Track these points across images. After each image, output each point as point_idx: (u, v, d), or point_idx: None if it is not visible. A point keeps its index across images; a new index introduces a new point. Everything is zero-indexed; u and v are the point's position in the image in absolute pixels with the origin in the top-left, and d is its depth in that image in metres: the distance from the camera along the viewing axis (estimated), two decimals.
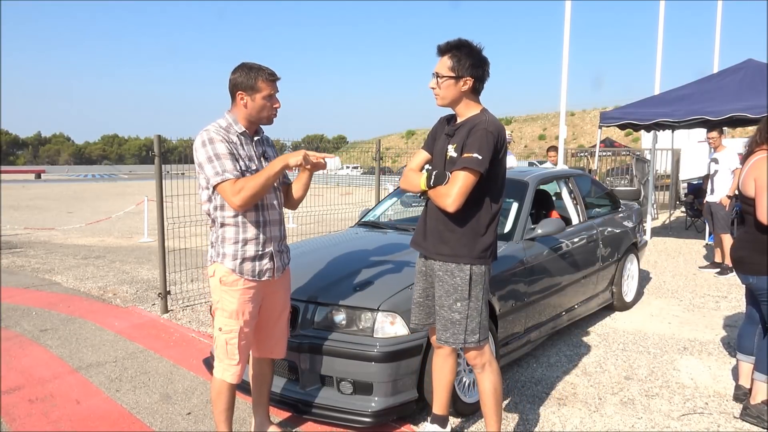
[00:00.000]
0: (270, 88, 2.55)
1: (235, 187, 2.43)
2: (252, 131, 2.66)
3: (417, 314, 2.73)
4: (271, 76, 2.55)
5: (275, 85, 2.58)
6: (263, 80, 2.52)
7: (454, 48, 2.46)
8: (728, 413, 3.27)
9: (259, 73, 2.52)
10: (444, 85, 2.47)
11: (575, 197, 4.87)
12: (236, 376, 2.64)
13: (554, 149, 9.08)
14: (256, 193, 2.46)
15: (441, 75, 2.47)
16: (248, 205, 2.48)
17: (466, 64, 2.43)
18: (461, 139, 2.46)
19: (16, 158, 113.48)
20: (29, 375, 3.86)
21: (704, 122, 8.76)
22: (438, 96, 2.51)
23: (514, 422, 3.18)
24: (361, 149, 9.54)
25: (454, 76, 2.44)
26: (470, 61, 2.44)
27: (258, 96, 2.54)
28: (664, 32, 10.85)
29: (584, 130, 57.06)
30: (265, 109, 2.57)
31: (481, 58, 2.47)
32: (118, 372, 3.92)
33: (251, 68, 2.54)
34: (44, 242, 10.26)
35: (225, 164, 2.45)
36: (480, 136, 2.38)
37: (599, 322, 5.03)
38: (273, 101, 2.58)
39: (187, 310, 5.43)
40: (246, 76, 2.52)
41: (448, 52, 2.46)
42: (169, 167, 5.33)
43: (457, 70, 2.44)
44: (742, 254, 3.18)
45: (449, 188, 2.38)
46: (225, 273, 2.57)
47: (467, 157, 2.36)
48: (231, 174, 2.44)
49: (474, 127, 2.43)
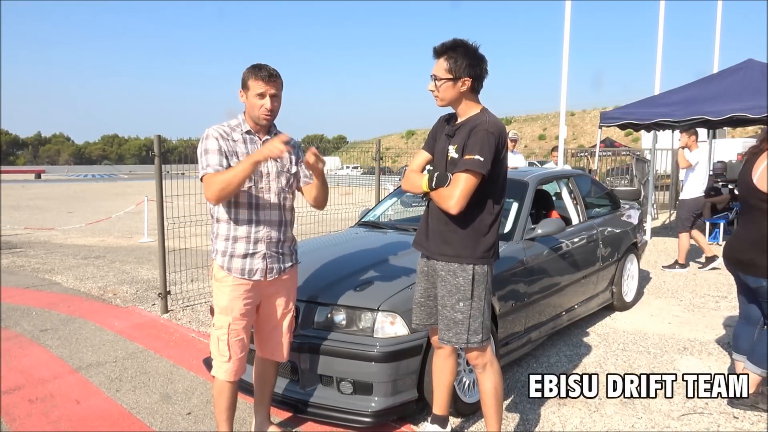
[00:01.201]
0: (260, 86, 2.53)
1: (207, 182, 2.48)
2: (260, 131, 2.66)
3: (418, 314, 2.73)
4: (262, 75, 2.53)
5: (267, 85, 2.54)
6: (254, 78, 2.54)
7: (449, 49, 2.44)
8: (728, 413, 3.27)
9: (252, 72, 2.54)
10: (442, 87, 2.46)
11: (575, 197, 4.87)
12: (229, 373, 2.63)
13: (557, 149, 9.10)
14: (224, 188, 2.45)
15: (439, 77, 2.45)
16: (220, 198, 2.49)
17: (463, 64, 2.42)
18: (462, 140, 2.45)
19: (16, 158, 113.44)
20: (29, 375, 3.86)
21: (704, 122, 8.76)
22: (437, 98, 2.50)
23: (514, 422, 3.18)
24: (361, 149, 9.55)
25: (452, 78, 2.43)
26: (467, 61, 2.42)
27: (250, 94, 2.56)
28: (664, 32, 10.85)
29: (584, 130, 57.06)
30: (255, 108, 2.57)
31: (478, 57, 2.45)
32: (118, 372, 3.92)
33: (251, 67, 2.57)
34: (44, 242, 10.26)
35: (210, 159, 2.51)
36: (481, 137, 2.38)
37: (599, 322, 5.03)
38: (263, 100, 2.56)
39: (187, 310, 5.43)
40: (245, 74, 2.57)
41: (443, 53, 2.44)
42: (169, 167, 5.34)
43: (455, 71, 2.42)
44: (753, 257, 3.12)
45: (452, 190, 2.38)
46: (216, 269, 2.64)
47: (469, 159, 2.35)
48: (212, 169, 2.49)
49: (475, 127, 2.42)
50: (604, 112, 9.57)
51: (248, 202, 2.60)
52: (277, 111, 2.65)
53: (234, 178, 2.44)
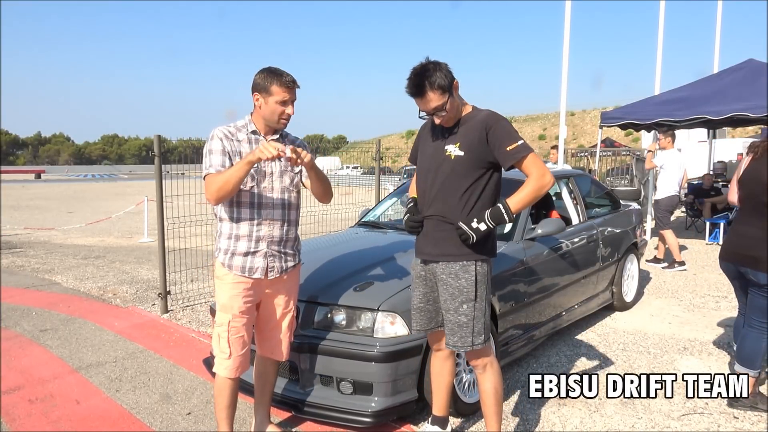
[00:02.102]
0: (283, 93, 2.55)
1: (207, 182, 2.51)
2: (267, 132, 2.67)
3: (419, 320, 2.71)
4: (287, 82, 2.55)
5: (290, 92, 2.57)
6: (278, 85, 2.54)
7: (426, 78, 2.34)
8: (728, 413, 3.27)
9: (275, 78, 2.54)
10: (449, 107, 2.42)
11: (575, 197, 4.87)
12: (230, 370, 2.65)
13: (556, 148, 9.08)
14: (220, 188, 2.46)
15: (439, 107, 2.39)
16: (219, 198, 2.50)
17: (442, 76, 2.36)
18: (465, 137, 2.45)
19: (16, 158, 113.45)
20: (29, 375, 3.86)
21: (705, 122, 8.77)
22: (449, 119, 2.47)
23: (514, 422, 3.18)
24: (361, 149, 9.53)
25: (449, 94, 2.40)
26: (443, 72, 2.37)
27: (271, 99, 2.56)
28: (664, 32, 10.84)
29: (584, 130, 57.06)
30: (276, 113, 2.58)
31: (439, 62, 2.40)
32: (118, 372, 3.92)
33: (271, 72, 2.56)
34: (44, 242, 10.26)
35: (213, 159, 2.54)
36: (503, 127, 2.42)
37: (599, 322, 5.03)
38: (286, 107, 2.58)
39: (187, 310, 5.43)
40: (264, 78, 2.56)
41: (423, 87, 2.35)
42: (169, 167, 5.34)
43: (445, 87, 2.37)
44: (761, 254, 3.14)
45: (537, 169, 2.40)
46: (218, 266, 2.66)
47: (516, 146, 2.38)
48: (214, 169, 2.52)
49: (483, 123, 2.43)
50: (604, 112, 9.57)
51: (250, 202, 2.61)
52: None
53: (230, 179, 2.45)
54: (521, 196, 2.42)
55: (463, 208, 2.48)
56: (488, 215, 2.43)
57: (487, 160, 2.46)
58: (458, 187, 2.48)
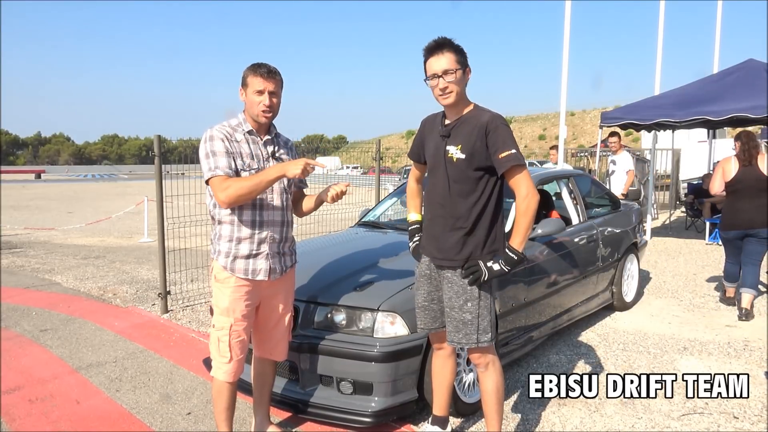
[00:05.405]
0: (259, 83, 2.52)
1: (223, 184, 2.46)
2: (260, 130, 2.66)
3: (423, 319, 2.70)
4: (261, 72, 2.52)
5: (266, 81, 2.53)
6: (252, 75, 2.53)
7: (448, 42, 2.41)
8: (728, 413, 3.27)
9: (251, 69, 2.54)
10: (457, 78, 2.40)
11: (575, 197, 4.87)
12: (229, 374, 2.63)
13: (555, 148, 9.08)
14: (243, 194, 2.46)
15: (451, 70, 2.38)
16: (234, 203, 2.49)
17: (464, 55, 2.42)
18: (465, 138, 2.43)
19: (16, 158, 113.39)
20: (29, 375, 3.86)
21: (705, 122, 8.76)
22: (452, 93, 2.41)
23: (514, 422, 3.18)
24: (361, 149, 9.53)
25: (462, 68, 2.41)
26: (464, 54, 2.43)
27: (248, 91, 2.55)
28: (664, 32, 10.85)
29: (584, 130, 57.09)
30: (254, 105, 2.56)
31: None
32: (118, 372, 3.92)
33: (251, 65, 2.56)
34: (44, 242, 10.26)
35: (218, 161, 2.49)
36: (503, 132, 2.39)
37: (599, 322, 5.03)
38: (262, 98, 2.54)
39: (187, 310, 5.43)
40: (244, 72, 2.56)
41: (446, 45, 2.40)
42: (169, 167, 5.34)
43: (462, 57, 2.41)
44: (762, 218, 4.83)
45: (524, 187, 2.37)
46: (218, 270, 2.61)
47: (509, 155, 2.35)
48: (222, 171, 2.48)
49: (484, 124, 2.40)
50: (604, 112, 9.57)
51: (252, 204, 2.59)
52: (277, 109, 2.63)
53: (257, 188, 2.46)
54: (519, 231, 2.42)
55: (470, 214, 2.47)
56: (502, 262, 2.44)
57: (487, 164, 2.44)
58: (462, 191, 2.47)
